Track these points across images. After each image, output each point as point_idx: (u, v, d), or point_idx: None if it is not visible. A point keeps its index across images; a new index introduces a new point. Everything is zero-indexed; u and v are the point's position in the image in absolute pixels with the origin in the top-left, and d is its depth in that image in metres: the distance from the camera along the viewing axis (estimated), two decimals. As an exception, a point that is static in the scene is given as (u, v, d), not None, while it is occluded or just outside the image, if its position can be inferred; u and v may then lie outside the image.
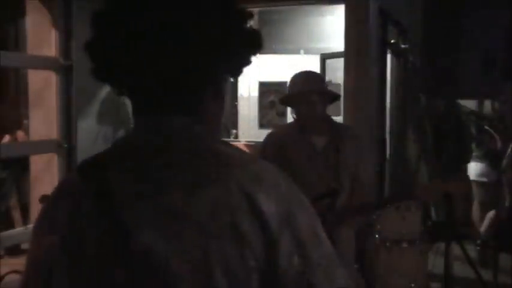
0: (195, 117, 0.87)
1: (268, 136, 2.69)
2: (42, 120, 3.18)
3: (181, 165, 0.83)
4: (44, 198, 2.55)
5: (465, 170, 5.31)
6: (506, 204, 4.83)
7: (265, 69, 6.06)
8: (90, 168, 0.88)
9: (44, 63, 3.13)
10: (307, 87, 2.52)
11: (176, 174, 0.83)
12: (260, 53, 0.93)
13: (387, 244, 3.15)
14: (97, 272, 0.81)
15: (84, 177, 0.87)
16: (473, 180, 5.32)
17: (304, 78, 2.63)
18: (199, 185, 0.81)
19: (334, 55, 5.74)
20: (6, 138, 5.78)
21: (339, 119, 4.41)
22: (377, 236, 3.18)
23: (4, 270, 2.70)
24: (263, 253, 0.79)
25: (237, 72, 0.91)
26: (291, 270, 0.79)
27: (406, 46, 4.96)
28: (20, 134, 5.89)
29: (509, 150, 4.74)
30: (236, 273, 0.78)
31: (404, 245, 3.19)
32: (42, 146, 3.17)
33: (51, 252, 0.85)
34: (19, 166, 5.37)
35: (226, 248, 0.78)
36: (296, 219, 0.82)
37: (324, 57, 5.53)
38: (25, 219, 5.64)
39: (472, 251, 4.53)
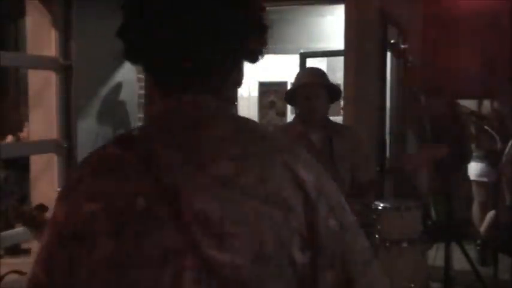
0: (223, 99, 0.96)
1: None
2: (42, 120, 3.18)
3: (226, 139, 0.91)
4: (40, 207, 2.52)
5: (465, 170, 5.31)
6: (507, 204, 4.83)
7: (265, 69, 6.06)
8: (132, 142, 0.93)
9: (44, 63, 3.13)
10: (310, 81, 2.59)
11: (223, 147, 0.90)
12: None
13: (387, 244, 3.15)
14: (147, 236, 0.86)
15: (128, 150, 0.92)
16: (473, 180, 5.31)
17: (308, 72, 2.72)
18: (246, 156, 0.89)
19: (315, 54, 5.75)
20: (9, 138, 5.78)
21: (338, 119, 4.41)
22: (377, 236, 3.18)
23: (4, 270, 2.69)
24: (303, 217, 0.88)
25: (255, 60, 1.00)
26: (327, 232, 0.89)
27: (406, 46, 4.96)
28: (24, 135, 5.88)
29: (508, 149, 4.74)
30: (281, 234, 0.86)
31: (404, 245, 3.19)
32: (42, 146, 3.17)
33: (92, 219, 0.88)
34: (19, 166, 5.37)
35: (273, 211, 0.86)
36: (327, 189, 0.92)
37: (305, 56, 5.54)
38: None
39: (472, 251, 4.53)
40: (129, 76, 4.35)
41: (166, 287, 0.84)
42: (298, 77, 2.71)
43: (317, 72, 2.74)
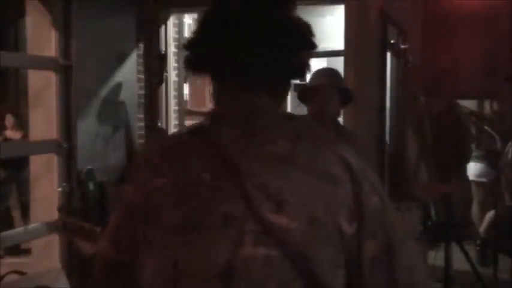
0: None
1: None
2: (42, 120, 3.18)
3: (280, 126, 1.06)
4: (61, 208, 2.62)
5: (465, 170, 5.31)
6: (506, 204, 4.83)
7: (265, 69, 6.05)
8: (198, 129, 1.09)
9: (44, 63, 3.12)
10: (325, 82, 2.59)
11: (278, 131, 1.05)
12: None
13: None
14: (212, 204, 0.99)
15: (195, 135, 1.08)
16: (473, 181, 5.32)
17: (323, 73, 2.72)
18: (299, 138, 1.04)
19: (316, 54, 5.74)
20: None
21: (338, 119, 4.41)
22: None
23: (4, 270, 2.69)
24: (351, 191, 1.00)
25: (303, 75, 1.14)
26: (371, 206, 1.01)
27: (406, 46, 4.96)
28: (9, 134, 5.86)
29: (508, 149, 4.74)
30: (331, 205, 0.99)
31: (404, 245, 3.19)
32: (42, 146, 3.16)
33: (160, 192, 1.03)
34: (18, 166, 5.36)
35: (324, 185, 1.00)
36: (368, 172, 1.05)
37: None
38: (25, 219, 5.63)
39: (472, 251, 4.53)
40: (129, 76, 4.34)
41: (230, 247, 0.96)
42: (313, 77, 2.71)
43: (332, 73, 2.75)
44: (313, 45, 1.12)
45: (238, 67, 1.07)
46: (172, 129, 4.73)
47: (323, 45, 6.45)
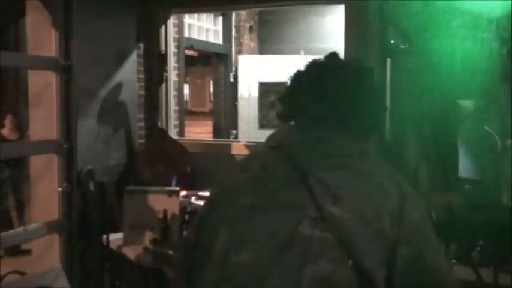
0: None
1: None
2: (42, 120, 3.17)
3: (347, 148, 1.30)
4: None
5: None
6: (506, 204, 4.82)
7: (265, 69, 6.05)
8: (274, 145, 1.36)
9: (44, 63, 3.12)
10: None
11: (344, 151, 1.29)
12: (260, 53, 1.12)
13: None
14: (281, 192, 1.24)
15: (271, 148, 1.35)
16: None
17: None
18: (360, 157, 1.29)
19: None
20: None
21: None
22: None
23: (4, 270, 2.69)
24: (397, 202, 1.21)
25: (375, 131, 1.42)
26: (410, 219, 1.21)
27: (406, 46, 4.95)
28: (5, 132, 5.83)
29: (509, 148, 4.72)
30: (379, 211, 1.18)
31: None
32: (42, 146, 3.16)
33: (239, 184, 1.32)
34: (17, 166, 5.35)
35: (375, 192, 1.21)
36: (414, 193, 1.27)
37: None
38: (23, 220, 5.62)
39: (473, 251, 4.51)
40: (129, 76, 4.34)
41: (292, 225, 1.18)
42: None
43: None
44: (386, 108, 1.39)
45: (320, 118, 1.33)
46: (173, 129, 4.72)
47: (323, 45, 6.47)
